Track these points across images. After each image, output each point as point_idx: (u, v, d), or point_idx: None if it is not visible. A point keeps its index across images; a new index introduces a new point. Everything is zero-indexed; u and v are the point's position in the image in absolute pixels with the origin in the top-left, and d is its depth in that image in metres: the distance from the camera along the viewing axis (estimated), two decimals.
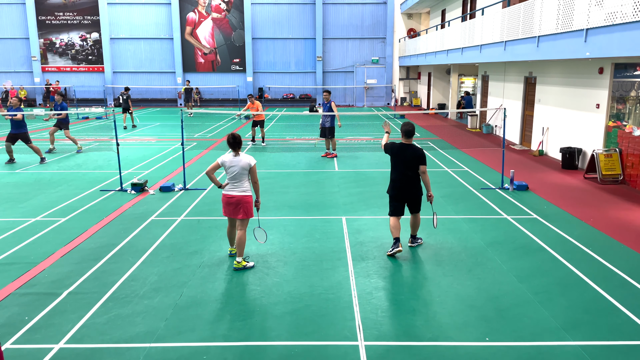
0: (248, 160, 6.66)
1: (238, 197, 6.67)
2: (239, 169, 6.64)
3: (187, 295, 5.94)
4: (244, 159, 6.66)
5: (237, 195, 6.67)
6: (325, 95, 14.67)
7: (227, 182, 6.75)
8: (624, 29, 8.73)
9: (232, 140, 6.69)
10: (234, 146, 6.68)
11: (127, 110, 22.67)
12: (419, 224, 7.46)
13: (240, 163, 6.63)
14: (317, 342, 4.95)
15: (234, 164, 6.65)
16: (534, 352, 4.76)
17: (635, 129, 11.17)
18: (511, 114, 17.87)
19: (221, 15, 35.13)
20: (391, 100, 35.64)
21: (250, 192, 6.77)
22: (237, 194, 6.68)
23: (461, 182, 11.65)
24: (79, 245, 7.63)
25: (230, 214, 6.77)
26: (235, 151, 6.70)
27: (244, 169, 6.65)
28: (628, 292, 5.96)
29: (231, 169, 6.65)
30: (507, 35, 14.49)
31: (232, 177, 6.67)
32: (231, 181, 6.70)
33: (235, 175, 6.65)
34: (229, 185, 6.73)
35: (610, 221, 8.70)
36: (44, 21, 35.16)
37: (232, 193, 6.70)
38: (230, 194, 6.71)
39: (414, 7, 31.12)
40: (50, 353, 4.77)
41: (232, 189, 6.70)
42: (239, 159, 6.65)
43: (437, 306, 5.65)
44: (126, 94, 22.69)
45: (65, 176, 12.38)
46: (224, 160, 6.71)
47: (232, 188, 6.70)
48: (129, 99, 22.68)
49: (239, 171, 6.64)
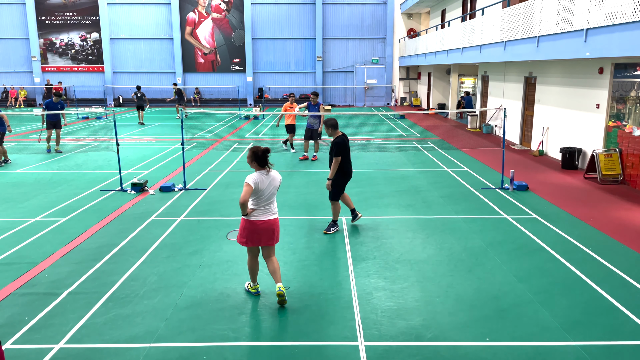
0: (280, 177, 5.80)
1: (273, 221, 5.70)
2: (274, 189, 5.67)
3: (187, 295, 5.94)
4: (276, 176, 5.74)
5: (271, 220, 5.68)
6: (312, 97, 14.38)
7: (254, 208, 5.63)
8: (624, 29, 8.73)
9: (261, 154, 5.55)
10: (265, 161, 5.59)
11: (142, 108, 24.02)
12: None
13: (275, 182, 5.68)
14: (317, 342, 4.95)
15: (269, 183, 5.61)
16: (534, 352, 4.76)
17: (635, 129, 11.17)
18: (511, 114, 17.87)
19: (221, 15, 35.13)
20: (391, 100, 35.64)
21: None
22: (272, 218, 5.70)
23: (461, 182, 11.65)
24: (79, 245, 7.63)
25: (263, 242, 5.71)
26: (265, 168, 5.62)
27: (276, 189, 5.73)
28: (628, 292, 5.96)
29: (266, 190, 5.59)
30: (507, 35, 14.49)
31: (267, 199, 5.62)
32: (264, 205, 5.62)
33: (270, 196, 5.65)
34: (260, 209, 5.62)
35: (610, 221, 8.70)
36: (44, 21, 35.16)
37: (266, 218, 5.64)
38: (264, 219, 5.63)
39: (414, 7, 31.12)
40: (50, 353, 4.77)
41: (266, 213, 5.64)
42: (272, 177, 5.65)
43: (437, 306, 5.65)
44: (140, 92, 24.13)
45: (65, 176, 12.38)
46: (258, 181, 5.52)
47: (265, 212, 5.64)
48: (144, 97, 24.23)
49: (273, 191, 5.68)
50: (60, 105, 15.77)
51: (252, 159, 5.58)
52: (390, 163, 14.02)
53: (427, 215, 9.14)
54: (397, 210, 9.39)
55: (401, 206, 9.69)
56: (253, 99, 35.54)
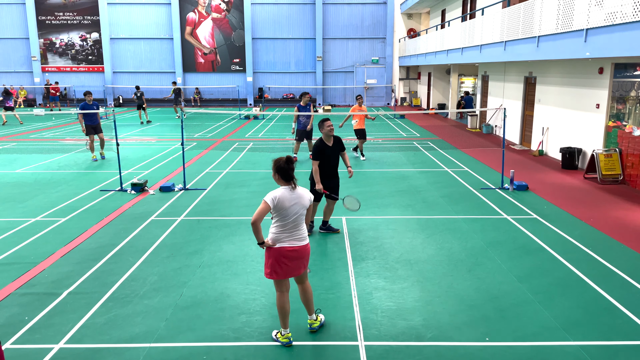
0: (309, 195, 4.86)
1: (302, 249, 4.79)
2: (300, 209, 4.76)
3: (187, 295, 5.93)
4: (305, 194, 4.82)
5: (300, 247, 4.77)
6: (305, 97, 13.71)
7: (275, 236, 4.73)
8: (624, 29, 8.73)
9: (284, 165, 4.71)
10: (289, 175, 4.72)
11: (141, 107, 24.22)
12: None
13: (302, 200, 4.77)
14: (317, 342, 4.95)
15: (295, 201, 4.71)
16: (534, 352, 4.76)
17: (635, 129, 11.17)
18: (511, 114, 17.87)
19: (221, 15, 35.13)
20: (391, 100, 35.64)
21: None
22: (302, 245, 4.78)
23: (461, 182, 11.65)
24: (79, 245, 7.63)
25: (291, 272, 4.81)
26: (291, 183, 4.75)
27: (304, 208, 4.82)
28: (628, 292, 5.96)
29: (292, 209, 4.70)
30: (507, 35, 14.49)
31: (293, 221, 4.74)
32: (290, 229, 4.74)
33: (297, 217, 4.75)
34: (287, 233, 4.73)
35: (610, 221, 8.70)
36: (44, 21, 35.16)
37: (294, 244, 4.73)
38: (292, 245, 4.72)
39: (414, 7, 31.13)
40: (50, 353, 4.77)
41: (293, 239, 4.74)
42: (299, 195, 4.76)
43: (437, 306, 5.64)
44: (139, 92, 24.25)
45: (65, 176, 12.38)
46: (278, 199, 4.65)
47: (292, 237, 4.73)
48: (142, 96, 24.29)
49: (300, 211, 4.76)
50: (96, 106, 14.52)
51: (275, 172, 4.75)
52: (390, 163, 14.02)
53: (427, 215, 9.14)
54: (397, 210, 9.39)
55: (401, 206, 9.69)
56: (253, 99, 35.54)
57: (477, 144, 17.35)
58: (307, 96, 13.77)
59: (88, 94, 14.57)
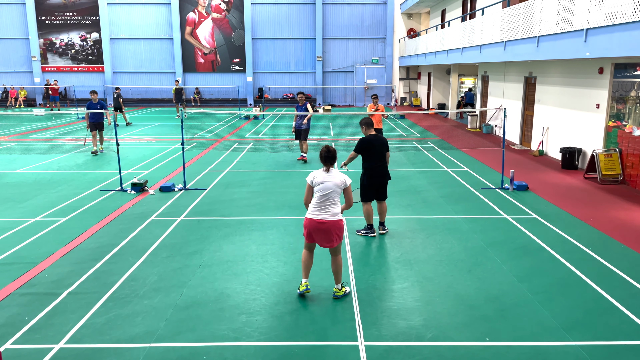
0: (342, 178, 5.75)
1: (330, 223, 5.61)
2: (332, 186, 5.67)
3: (187, 295, 5.93)
4: (338, 176, 5.75)
5: (328, 221, 5.60)
6: (300, 97, 14.02)
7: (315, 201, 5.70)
8: (624, 29, 8.73)
9: (325, 154, 5.74)
10: (327, 160, 5.74)
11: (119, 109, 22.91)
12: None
13: (335, 180, 5.70)
14: (317, 342, 4.95)
15: (327, 180, 5.69)
16: (534, 352, 4.76)
17: (635, 129, 11.17)
18: (511, 114, 17.87)
19: (221, 15, 35.13)
20: (391, 100, 35.63)
21: (342, 216, 5.77)
22: (329, 219, 5.61)
23: (461, 182, 11.65)
24: (79, 245, 7.63)
25: (318, 241, 5.72)
26: (327, 166, 5.78)
27: (338, 187, 5.71)
28: (628, 292, 5.96)
29: (323, 185, 5.66)
30: (507, 35, 14.49)
31: (323, 197, 5.65)
32: (320, 202, 5.66)
33: (328, 194, 5.66)
34: (316, 207, 5.66)
35: (610, 221, 8.70)
36: (44, 21, 35.15)
37: (322, 217, 5.60)
38: (319, 218, 5.61)
39: (414, 7, 31.12)
40: (50, 353, 4.77)
41: (322, 212, 5.62)
42: (331, 176, 5.72)
43: (437, 306, 5.64)
44: (117, 93, 23.24)
45: (65, 176, 12.38)
46: (314, 176, 5.73)
47: (322, 210, 5.63)
48: (120, 98, 23.11)
49: (333, 189, 5.68)
50: (100, 105, 15.24)
51: (320, 157, 5.83)
52: (390, 163, 13.98)
53: (427, 215, 9.14)
54: (397, 210, 9.39)
55: (401, 206, 9.69)
56: (253, 99, 35.54)
57: (477, 144, 17.35)
58: (299, 95, 13.95)
59: (93, 92, 15.29)
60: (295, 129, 14.14)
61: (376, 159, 7.72)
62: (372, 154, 7.70)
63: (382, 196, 7.95)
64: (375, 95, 14.80)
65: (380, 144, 7.74)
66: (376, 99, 14.68)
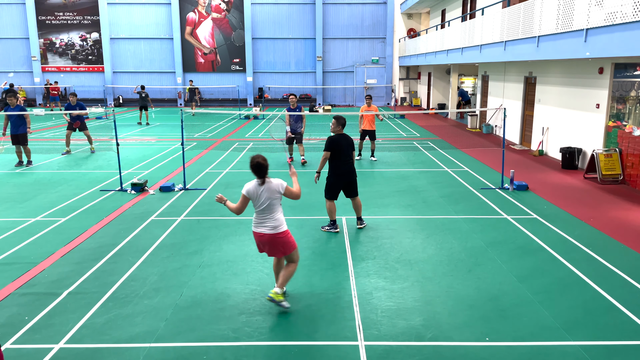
0: (277, 184, 5.46)
1: (268, 237, 5.46)
2: (266, 199, 5.41)
3: (187, 295, 5.94)
4: (273, 185, 5.44)
5: (267, 234, 5.46)
6: (292, 98, 13.49)
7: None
8: (624, 29, 8.73)
9: (255, 167, 5.38)
10: (258, 173, 5.39)
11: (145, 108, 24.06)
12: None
13: (268, 191, 5.42)
14: (317, 342, 4.95)
15: (260, 192, 5.41)
16: (534, 352, 4.76)
17: (635, 129, 11.17)
18: (511, 114, 17.87)
19: (221, 15, 35.13)
20: (391, 100, 35.64)
21: (285, 224, 5.56)
22: (267, 232, 5.45)
23: (461, 182, 11.65)
24: (79, 245, 7.63)
25: (267, 252, 5.64)
26: (260, 179, 5.43)
27: (274, 195, 5.44)
28: (628, 292, 5.96)
29: (258, 199, 5.42)
30: (507, 35, 14.49)
31: (259, 210, 5.46)
32: (258, 215, 5.48)
33: (265, 207, 5.44)
34: (256, 219, 5.51)
35: (610, 221, 8.70)
36: (44, 21, 35.15)
37: (260, 230, 5.48)
38: (259, 231, 5.49)
39: (414, 7, 31.13)
40: (50, 353, 4.77)
41: (260, 225, 5.48)
42: (265, 187, 5.42)
43: (437, 306, 5.64)
44: (144, 92, 24.25)
45: (65, 176, 12.38)
46: (248, 189, 5.44)
47: (260, 224, 5.48)
48: (148, 97, 24.30)
49: (268, 201, 5.42)
50: (79, 106, 15.52)
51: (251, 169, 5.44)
52: (390, 163, 14.02)
53: (427, 215, 9.14)
54: (397, 210, 9.39)
55: (401, 206, 9.69)
56: (253, 99, 35.54)
57: (477, 144, 17.35)
58: (291, 97, 13.56)
59: (73, 95, 15.69)
60: (291, 133, 13.60)
61: (343, 157, 8.02)
62: (338, 153, 7.99)
63: (353, 193, 8.22)
64: (369, 95, 14.45)
65: (347, 144, 8.08)
66: (369, 100, 14.22)
